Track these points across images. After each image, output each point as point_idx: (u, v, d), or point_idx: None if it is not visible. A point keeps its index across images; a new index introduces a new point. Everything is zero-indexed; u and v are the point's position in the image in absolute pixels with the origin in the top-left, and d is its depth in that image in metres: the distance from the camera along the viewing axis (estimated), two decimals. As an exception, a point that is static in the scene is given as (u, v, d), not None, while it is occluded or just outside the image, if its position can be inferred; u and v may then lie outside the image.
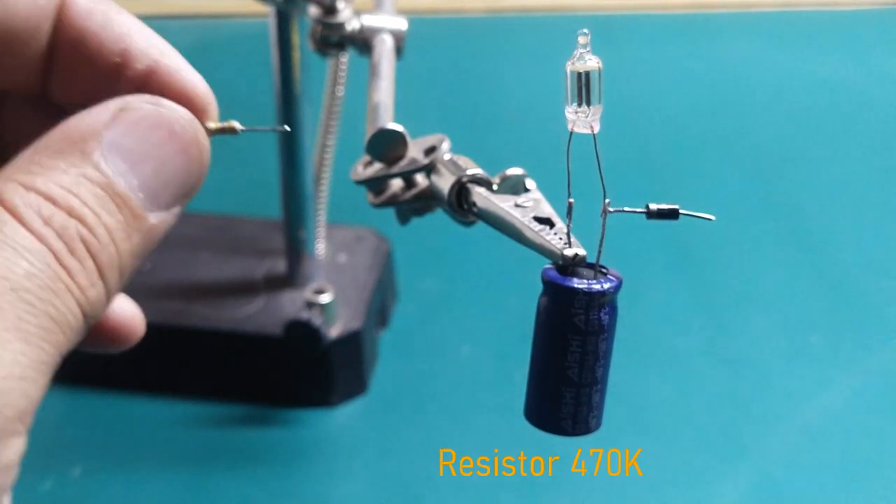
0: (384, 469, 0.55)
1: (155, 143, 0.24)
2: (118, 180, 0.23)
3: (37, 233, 0.21)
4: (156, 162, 0.23)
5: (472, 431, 0.57)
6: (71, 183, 0.22)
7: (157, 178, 0.23)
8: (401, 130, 0.35)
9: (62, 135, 0.23)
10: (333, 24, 0.48)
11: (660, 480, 0.53)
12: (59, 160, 0.22)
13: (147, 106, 0.24)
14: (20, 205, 0.21)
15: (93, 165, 0.22)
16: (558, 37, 0.39)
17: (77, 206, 0.22)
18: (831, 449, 0.55)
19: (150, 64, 0.25)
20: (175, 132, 0.24)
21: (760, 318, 0.66)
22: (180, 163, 0.24)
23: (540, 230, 0.26)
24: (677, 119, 0.91)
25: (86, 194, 0.22)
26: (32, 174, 0.22)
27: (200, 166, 0.25)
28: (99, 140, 0.23)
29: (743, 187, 0.80)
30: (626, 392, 0.59)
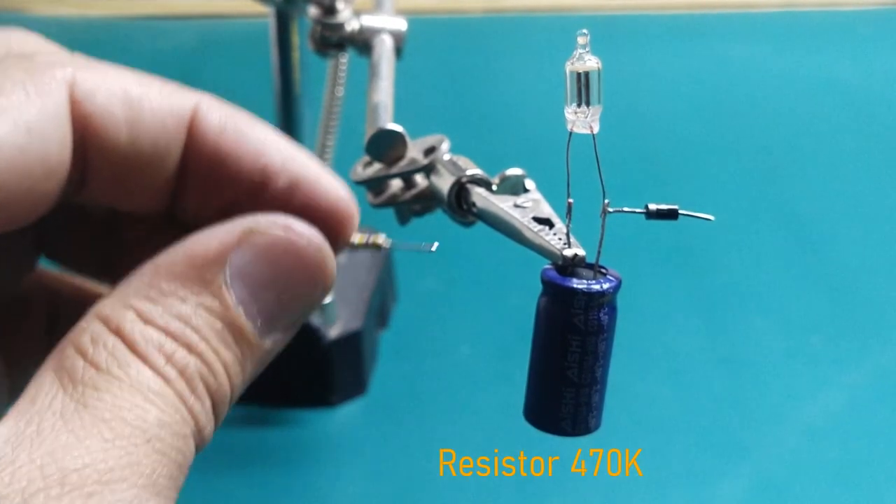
0: (384, 469, 0.55)
1: (281, 270, 0.23)
2: (238, 311, 0.22)
3: (161, 373, 0.20)
4: (279, 289, 0.23)
5: (472, 431, 0.57)
6: (189, 314, 0.21)
7: (278, 304, 0.23)
8: (400, 131, 0.35)
9: (184, 257, 0.22)
10: (333, 24, 0.48)
11: (660, 480, 0.53)
12: (179, 286, 0.21)
13: (277, 231, 0.23)
14: (140, 341, 0.20)
15: (213, 294, 0.22)
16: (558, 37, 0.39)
17: (195, 342, 0.21)
18: (831, 449, 0.55)
19: (291, 180, 0.24)
20: (303, 260, 0.23)
21: (760, 318, 0.66)
22: (304, 290, 0.23)
23: (539, 230, 0.26)
24: (677, 119, 0.91)
25: (204, 327, 0.21)
26: (150, 301, 0.21)
27: (324, 290, 0.24)
28: (223, 266, 0.22)
29: (742, 187, 0.80)
30: (626, 392, 0.59)
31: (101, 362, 0.20)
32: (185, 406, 0.21)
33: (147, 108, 0.23)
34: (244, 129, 0.24)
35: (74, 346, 0.21)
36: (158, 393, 0.20)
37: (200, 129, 0.23)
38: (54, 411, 0.19)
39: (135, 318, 0.21)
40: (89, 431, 0.19)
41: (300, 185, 0.24)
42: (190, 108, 0.23)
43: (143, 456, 0.19)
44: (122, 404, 0.19)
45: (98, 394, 0.19)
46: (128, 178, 0.23)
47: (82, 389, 0.19)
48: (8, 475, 0.18)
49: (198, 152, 0.23)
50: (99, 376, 0.20)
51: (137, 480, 0.19)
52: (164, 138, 0.23)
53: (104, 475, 0.18)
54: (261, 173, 0.23)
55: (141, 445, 0.19)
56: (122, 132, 0.22)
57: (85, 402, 0.19)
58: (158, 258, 0.22)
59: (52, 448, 0.18)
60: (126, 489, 0.18)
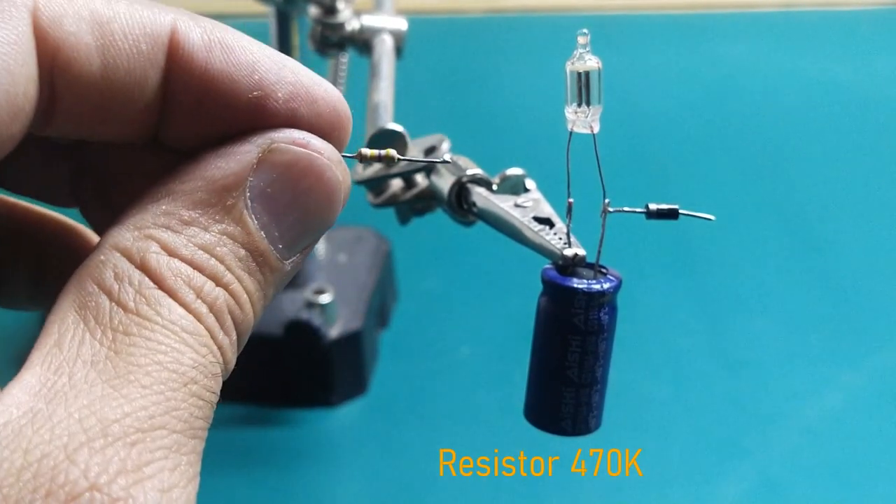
0: (384, 469, 0.55)
1: (302, 191, 0.21)
2: (261, 236, 0.21)
3: (193, 311, 0.20)
4: (300, 210, 0.22)
5: (472, 431, 0.57)
6: (214, 243, 0.20)
7: (299, 226, 0.22)
8: (401, 130, 0.35)
9: (203, 181, 0.21)
10: (333, 24, 0.48)
11: (660, 480, 0.53)
12: (200, 213, 0.20)
13: (296, 149, 0.21)
14: (169, 276, 0.20)
15: (236, 221, 0.21)
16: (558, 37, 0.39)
17: (221, 272, 0.20)
18: (831, 449, 0.55)
19: (289, 91, 0.22)
20: (322, 178, 0.22)
21: (760, 318, 0.66)
22: (324, 209, 0.22)
23: (540, 230, 0.26)
24: (677, 119, 0.91)
25: (229, 257, 0.20)
26: (172, 231, 0.20)
27: (340, 208, 0.23)
28: (243, 189, 0.21)
29: (743, 187, 0.80)
30: (626, 392, 0.59)
31: (128, 302, 0.19)
32: (216, 343, 0.20)
33: (119, 32, 0.21)
34: (231, 44, 0.22)
35: (97, 283, 0.20)
36: (192, 332, 0.19)
37: (184, 48, 0.21)
38: (85, 360, 0.18)
39: (159, 249, 0.20)
40: (125, 379, 0.18)
41: (298, 96, 0.22)
42: (167, 28, 0.21)
43: (180, 401, 0.19)
44: (157, 347, 0.19)
45: (130, 338, 0.19)
46: (101, 109, 0.21)
47: (112, 335, 0.19)
48: (47, 431, 0.17)
49: (183, 74, 0.21)
50: (129, 318, 0.19)
51: (177, 426, 0.19)
52: (140, 64, 0.21)
53: (145, 423, 0.18)
54: (256, 88, 0.22)
55: (179, 390, 0.19)
56: (93, 61, 0.20)
57: (117, 349, 0.19)
58: (172, 184, 0.21)
59: (88, 400, 0.18)
60: (166, 435, 0.18)
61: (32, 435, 0.17)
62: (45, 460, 0.17)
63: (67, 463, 0.17)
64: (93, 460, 0.17)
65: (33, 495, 0.16)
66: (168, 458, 0.18)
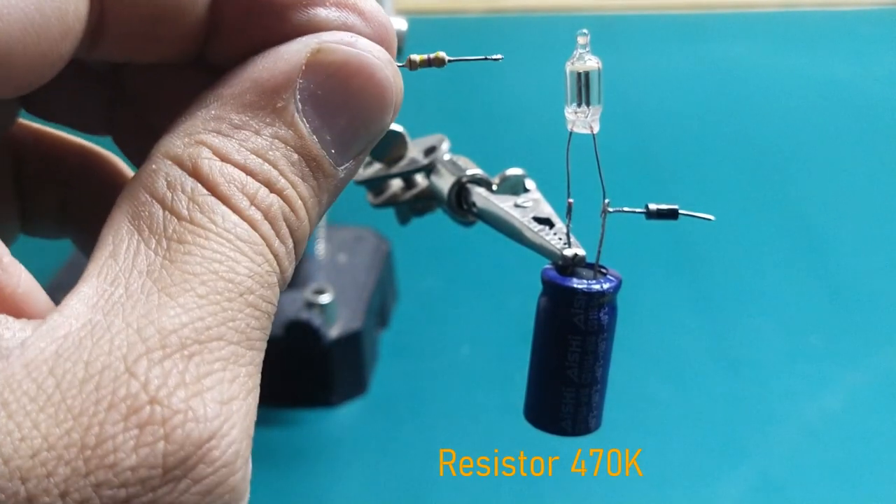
0: (384, 469, 0.55)
1: (353, 92, 0.21)
2: (313, 140, 0.20)
3: (247, 217, 0.19)
4: (351, 113, 0.21)
5: (472, 431, 0.57)
6: (266, 147, 0.20)
7: (351, 129, 0.21)
8: (401, 130, 0.35)
9: (252, 84, 0.20)
10: (333, 24, 0.48)
11: (660, 480, 0.53)
12: (251, 117, 0.20)
13: (345, 48, 0.20)
14: (222, 183, 0.19)
15: (287, 124, 0.20)
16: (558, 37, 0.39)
17: (275, 177, 0.20)
18: (831, 449, 0.55)
19: (336, 1, 0.21)
20: (374, 78, 0.21)
21: (760, 318, 0.66)
22: (376, 111, 0.21)
23: (539, 230, 0.26)
24: (677, 119, 0.91)
25: (282, 161, 0.20)
26: (223, 135, 0.20)
27: (395, 112, 0.22)
28: (293, 91, 0.20)
29: (743, 187, 0.80)
30: (626, 392, 0.59)
31: (181, 210, 0.19)
32: (272, 251, 0.19)
33: None
34: None
35: (149, 192, 0.19)
36: (247, 240, 0.19)
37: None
38: (140, 270, 0.18)
39: (211, 155, 0.19)
40: (181, 288, 0.18)
41: (346, 5, 0.21)
42: None
43: (237, 311, 0.18)
44: (212, 256, 0.18)
45: (185, 247, 0.18)
46: (151, 27, 0.21)
47: (167, 244, 0.18)
48: (107, 343, 0.17)
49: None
50: (182, 227, 0.19)
51: (234, 337, 0.18)
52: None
53: (202, 334, 0.18)
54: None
55: (235, 300, 0.18)
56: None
57: (172, 258, 0.18)
58: (221, 88, 0.20)
59: (146, 310, 0.17)
60: (224, 346, 0.18)
61: (93, 347, 0.17)
62: (106, 372, 0.17)
63: (128, 375, 0.17)
64: (152, 373, 0.17)
65: (96, 407, 0.16)
66: (227, 370, 0.18)
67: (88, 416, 0.16)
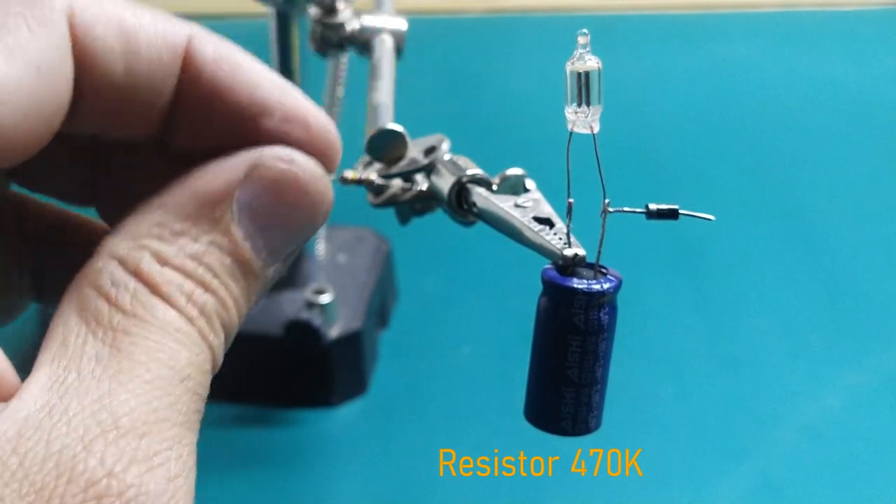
0: (384, 469, 0.55)
1: (286, 204, 0.23)
2: (245, 246, 0.22)
3: (185, 313, 0.21)
4: (283, 223, 0.23)
5: (472, 431, 0.57)
6: (202, 252, 0.22)
7: (282, 237, 0.23)
8: (401, 130, 0.35)
9: (192, 195, 0.22)
10: (333, 24, 0.48)
11: (660, 480, 0.53)
12: (190, 225, 0.22)
13: (281, 165, 0.23)
14: (162, 283, 0.21)
15: (222, 232, 0.22)
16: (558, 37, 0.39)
17: (209, 279, 0.22)
18: (831, 449, 0.55)
19: (285, 114, 0.23)
20: (307, 193, 0.23)
21: (760, 318, 0.66)
22: (306, 222, 0.23)
23: (540, 230, 0.26)
24: (677, 119, 0.91)
25: (216, 265, 0.22)
26: (164, 241, 0.22)
27: (324, 220, 0.24)
28: (230, 203, 0.22)
29: (743, 187, 0.80)
30: (626, 392, 0.59)
31: (126, 305, 0.21)
32: (207, 343, 0.21)
33: (143, 39, 0.22)
34: (239, 61, 0.23)
35: (95, 288, 0.21)
36: (185, 333, 0.21)
37: (196, 60, 0.23)
38: (90, 357, 0.20)
39: (151, 259, 0.21)
40: (129, 375, 0.20)
41: (293, 119, 0.24)
42: (185, 39, 0.23)
43: (179, 396, 0.20)
44: (155, 346, 0.20)
45: (130, 338, 0.20)
46: (120, 109, 0.23)
47: (112, 334, 0.20)
48: (64, 425, 0.18)
49: (192, 84, 0.23)
50: (127, 319, 0.20)
51: (178, 419, 0.20)
52: (160, 70, 0.23)
53: (150, 416, 0.19)
54: (256, 106, 0.23)
55: (177, 385, 0.20)
56: (118, 64, 0.22)
57: (118, 346, 0.20)
58: (164, 196, 0.22)
59: (98, 395, 0.19)
60: (169, 427, 0.20)
61: (51, 428, 0.18)
62: (66, 451, 0.18)
63: (85, 453, 0.18)
64: (108, 451, 0.18)
65: (56, 482, 0.18)
66: (172, 449, 0.20)
67: (49, 489, 0.18)
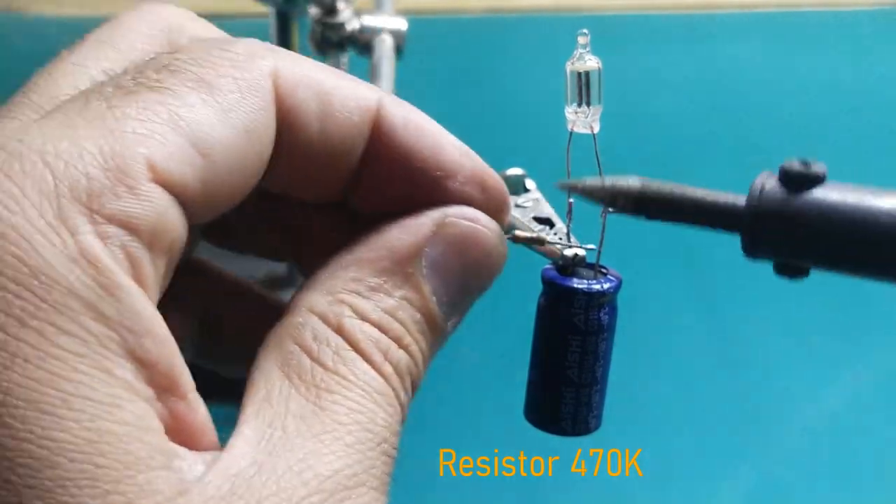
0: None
1: (469, 260, 0.24)
2: (433, 301, 0.23)
3: (381, 372, 0.22)
4: (465, 278, 0.24)
5: (472, 431, 0.57)
6: (396, 308, 0.22)
7: (462, 292, 0.24)
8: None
9: (386, 252, 0.23)
10: (333, 24, 0.48)
11: (660, 480, 0.53)
12: (384, 281, 0.23)
13: (466, 224, 0.24)
14: (362, 339, 0.22)
15: (413, 288, 0.23)
16: (558, 37, 0.39)
17: (402, 334, 0.22)
18: (831, 449, 0.55)
19: (467, 175, 0.25)
20: (487, 250, 0.24)
21: (761, 318, 0.66)
22: (485, 277, 0.25)
23: (540, 230, 0.26)
24: (677, 119, 0.91)
25: (408, 320, 0.23)
26: (361, 296, 0.22)
27: (497, 276, 0.25)
28: (421, 259, 0.23)
29: (742, 187, 0.80)
30: (626, 392, 0.59)
31: (327, 361, 0.21)
32: (399, 402, 0.22)
33: (337, 103, 0.23)
34: (424, 125, 0.24)
35: (297, 343, 0.21)
36: (381, 393, 0.21)
37: (385, 124, 0.24)
38: (294, 414, 0.20)
39: (352, 313, 0.22)
40: (332, 436, 0.20)
41: (474, 180, 0.25)
42: (375, 103, 0.24)
43: (376, 459, 0.21)
44: (356, 407, 0.21)
45: (332, 396, 0.21)
46: (313, 169, 0.24)
47: (315, 391, 0.21)
48: (273, 483, 0.19)
49: (381, 147, 0.24)
50: (329, 376, 0.21)
51: (374, 483, 0.20)
52: (352, 132, 0.23)
53: (350, 480, 0.20)
54: (440, 169, 0.24)
55: (374, 449, 0.21)
56: (314, 126, 0.23)
57: (321, 405, 0.20)
58: (357, 252, 0.23)
59: (303, 454, 0.20)
60: (366, 492, 0.20)
61: (261, 487, 0.19)
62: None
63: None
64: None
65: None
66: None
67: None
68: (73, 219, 0.18)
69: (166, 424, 0.19)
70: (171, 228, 0.20)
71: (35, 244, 0.18)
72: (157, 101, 0.20)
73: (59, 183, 0.19)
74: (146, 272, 0.19)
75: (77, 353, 0.18)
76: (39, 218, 0.18)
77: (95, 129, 0.19)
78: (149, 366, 0.19)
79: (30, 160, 0.19)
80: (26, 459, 0.17)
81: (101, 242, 0.18)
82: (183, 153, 0.20)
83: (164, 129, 0.20)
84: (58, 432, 0.17)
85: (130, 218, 0.19)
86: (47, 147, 0.19)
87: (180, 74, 0.21)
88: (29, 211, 0.18)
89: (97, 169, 0.19)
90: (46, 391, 0.17)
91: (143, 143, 0.19)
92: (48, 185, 0.18)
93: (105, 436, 0.18)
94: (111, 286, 0.18)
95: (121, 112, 0.20)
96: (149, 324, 0.19)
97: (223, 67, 0.21)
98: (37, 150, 0.19)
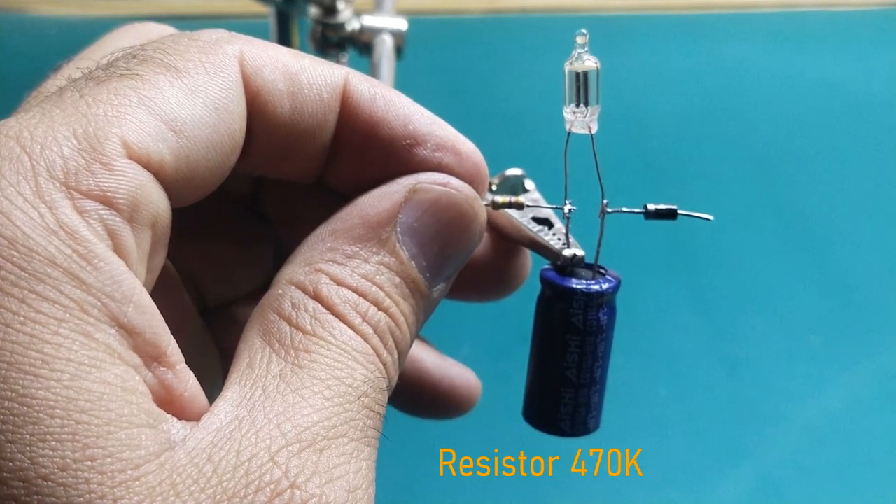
0: (384, 469, 0.55)
1: (444, 224, 0.24)
2: (411, 265, 0.24)
3: (360, 332, 0.22)
4: (443, 241, 0.24)
5: (472, 431, 0.57)
6: (373, 272, 0.23)
7: (442, 256, 0.24)
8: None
9: (360, 219, 0.24)
10: (334, 24, 0.48)
11: (660, 480, 0.53)
12: (360, 248, 0.23)
13: (438, 187, 0.24)
14: (339, 303, 0.22)
15: (390, 252, 0.23)
16: (558, 37, 0.39)
17: (381, 297, 0.23)
18: (831, 449, 0.55)
19: (437, 142, 0.25)
20: (463, 213, 0.25)
21: (760, 318, 0.66)
22: (464, 240, 0.25)
23: (539, 230, 0.26)
24: (676, 119, 0.91)
25: (386, 284, 0.23)
26: (338, 264, 0.23)
27: (479, 239, 0.25)
28: (395, 224, 0.24)
29: (742, 187, 0.80)
30: (626, 392, 0.59)
31: (305, 325, 0.22)
32: (381, 361, 0.22)
33: (305, 82, 0.24)
34: (392, 97, 0.25)
35: (276, 312, 0.22)
36: (361, 351, 0.22)
37: (353, 99, 0.25)
38: (274, 374, 0.21)
39: (328, 280, 0.23)
40: (311, 391, 0.21)
41: (445, 147, 0.25)
42: (342, 80, 0.25)
43: (356, 412, 0.21)
44: (334, 364, 0.21)
45: (310, 355, 0.21)
46: (287, 148, 0.24)
47: (294, 353, 0.21)
48: (253, 435, 0.19)
49: (351, 121, 0.25)
50: (307, 339, 0.22)
51: (355, 434, 0.21)
52: (322, 109, 0.24)
53: (329, 431, 0.20)
54: (410, 137, 0.25)
55: (354, 402, 0.21)
56: (285, 104, 0.24)
57: (300, 364, 0.21)
58: (333, 223, 0.24)
59: (283, 408, 0.20)
60: (347, 442, 0.21)
61: (241, 438, 0.19)
62: (254, 460, 0.19)
63: (271, 464, 0.19)
64: (291, 462, 0.19)
65: (246, 489, 0.19)
66: (350, 463, 0.21)
67: (240, 497, 0.19)
68: (50, 195, 0.19)
69: (156, 393, 0.20)
70: (150, 202, 0.20)
71: (13, 219, 0.18)
72: (128, 86, 0.21)
73: (36, 164, 0.19)
74: (127, 244, 0.20)
75: (57, 317, 0.18)
76: (18, 195, 0.19)
77: (69, 115, 0.20)
78: (133, 333, 0.19)
79: (6, 146, 0.19)
80: (8, 416, 0.18)
81: (79, 216, 0.19)
82: (155, 130, 0.21)
83: (136, 109, 0.21)
84: (38, 391, 0.18)
85: (107, 192, 0.20)
86: (23, 133, 0.20)
87: (148, 62, 0.22)
88: (6, 190, 0.19)
89: (72, 150, 0.20)
90: (27, 353, 0.18)
91: (116, 123, 0.20)
92: (25, 166, 0.19)
93: (84, 394, 0.18)
94: (90, 255, 0.19)
95: (92, 98, 0.21)
96: (129, 292, 0.19)
97: (189, 52, 0.22)
98: (13, 136, 0.19)
